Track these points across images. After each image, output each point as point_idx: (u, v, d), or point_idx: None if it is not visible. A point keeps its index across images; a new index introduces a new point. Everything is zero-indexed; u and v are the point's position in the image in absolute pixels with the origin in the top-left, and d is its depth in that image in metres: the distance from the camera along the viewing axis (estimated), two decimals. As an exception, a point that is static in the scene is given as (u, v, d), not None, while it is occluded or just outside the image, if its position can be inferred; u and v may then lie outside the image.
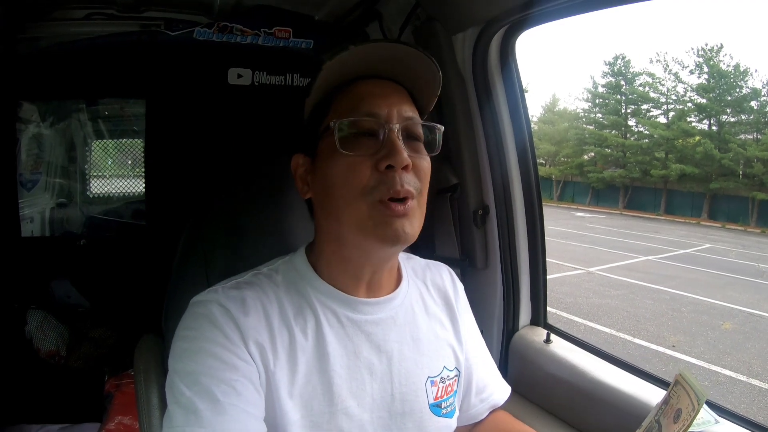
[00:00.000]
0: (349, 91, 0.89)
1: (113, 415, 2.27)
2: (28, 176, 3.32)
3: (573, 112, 36.75)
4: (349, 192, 0.84)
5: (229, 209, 1.17)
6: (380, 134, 0.85)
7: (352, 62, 0.87)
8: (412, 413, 0.93)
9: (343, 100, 0.89)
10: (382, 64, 0.89)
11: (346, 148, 0.84)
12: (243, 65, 2.30)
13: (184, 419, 0.76)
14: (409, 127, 0.88)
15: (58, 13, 2.19)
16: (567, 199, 32.93)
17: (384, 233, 0.83)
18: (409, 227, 0.84)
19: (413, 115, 0.89)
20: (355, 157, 0.84)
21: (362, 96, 0.88)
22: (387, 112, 0.86)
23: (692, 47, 37.52)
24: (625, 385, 1.29)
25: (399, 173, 0.83)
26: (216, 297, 0.85)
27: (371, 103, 0.87)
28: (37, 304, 2.82)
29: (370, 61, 0.88)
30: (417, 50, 0.87)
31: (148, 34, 2.22)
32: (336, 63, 0.85)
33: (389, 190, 0.82)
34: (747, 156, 25.48)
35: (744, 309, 8.61)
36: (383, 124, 0.85)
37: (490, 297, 1.67)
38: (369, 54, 0.87)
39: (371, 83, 0.90)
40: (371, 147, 0.85)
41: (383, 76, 0.91)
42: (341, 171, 0.85)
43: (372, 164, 0.84)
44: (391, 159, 0.83)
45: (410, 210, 0.84)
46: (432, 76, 0.91)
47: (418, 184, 0.87)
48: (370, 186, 0.83)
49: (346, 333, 0.90)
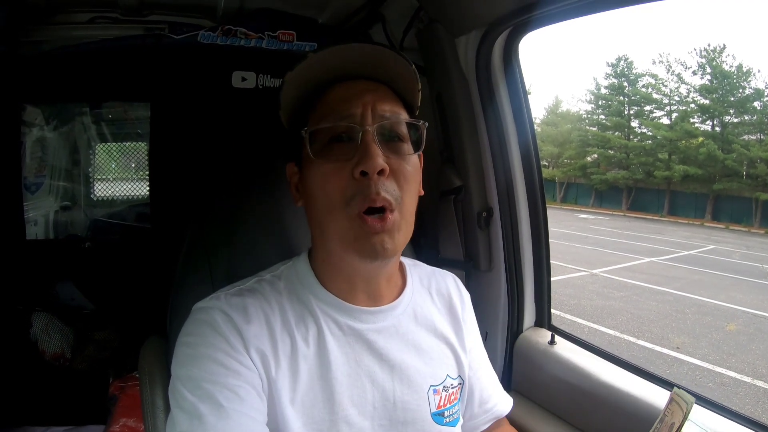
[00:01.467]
0: (324, 97, 0.88)
1: (118, 417, 2.28)
2: (33, 179, 3.34)
3: (576, 113, 36.79)
4: (329, 202, 0.83)
5: (233, 211, 1.17)
6: (356, 138, 0.83)
7: (322, 68, 0.86)
8: (414, 422, 0.92)
9: (318, 106, 0.88)
10: (357, 65, 0.87)
11: (321, 156, 0.83)
12: (247, 68, 2.30)
13: (187, 424, 0.76)
14: (387, 126, 0.86)
15: (62, 16, 2.19)
16: (570, 201, 32.88)
17: (362, 249, 0.82)
18: (389, 242, 0.83)
19: (392, 114, 0.87)
20: (329, 165, 0.83)
21: (335, 100, 0.86)
22: (361, 113, 0.84)
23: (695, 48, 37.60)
24: (630, 387, 1.29)
25: (374, 180, 0.81)
26: (218, 304, 0.85)
27: (343, 106, 0.85)
28: (42, 306, 2.83)
29: (343, 64, 0.86)
30: (383, 47, 0.86)
31: (153, 37, 2.22)
32: (299, 73, 0.84)
33: (365, 200, 0.80)
34: (750, 157, 25.45)
35: (748, 310, 8.59)
36: (357, 126, 0.83)
37: (494, 299, 1.67)
38: (335, 58, 0.85)
39: (345, 85, 0.88)
40: (347, 153, 0.83)
41: (362, 76, 0.89)
42: (318, 180, 0.84)
43: (348, 171, 0.82)
44: (364, 164, 0.80)
45: (390, 224, 0.82)
46: (406, 70, 0.88)
47: (398, 192, 0.84)
48: (348, 196, 0.81)
49: (347, 341, 0.89)
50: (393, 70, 0.88)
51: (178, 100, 2.55)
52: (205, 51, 2.18)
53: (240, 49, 2.20)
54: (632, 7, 1.24)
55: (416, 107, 0.95)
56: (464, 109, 1.64)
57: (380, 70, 0.88)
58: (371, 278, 0.92)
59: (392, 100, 0.89)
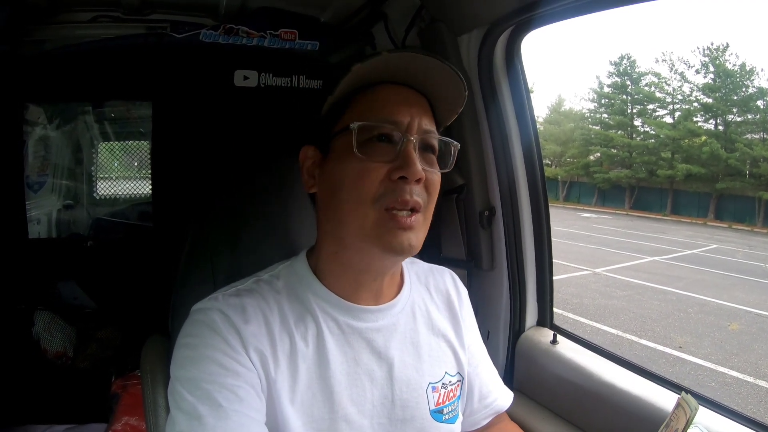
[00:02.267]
0: (371, 94, 0.88)
1: (120, 415, 2.28)
2: (35, 178, 3.35)
3: (579, 112, 36.85)
4: (358, 197, 0.83)
5: (235, 210, 1.17)
6: (397, 143, 0.84)
7: (383, 68, 0.86)
8: (413, 419, 0.93)
9: (362, 101, 0.88)
10: (407, 72, 0.88)
11: (363, 152, 0.83)
12: (249, 67, 2.30)
13: (187, 425, 0.76)
14: (426, 139, 0.88)
15: (64, 15, 2.19)
16: (573, 200, 32.89)
17: (389, 243, 0.83)
18: (414, 239, 0.84)
19: (432, 128, 0.89)
20: (369, 163, 0.83)
21: (384, 101, 0.87)
22: (408, 122, 0.85)
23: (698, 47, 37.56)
24: (632, 387, 1.28)
25: (411, 185, 0.83)
26: (216, 305, 0.85)
27: (393, 110, 0.86)
28: (44, 305, 2.83)
29: (395, 67, 0.87)
30: (449, 67, 0.86)
31: (155, 36, 2.22)
32: (366, 67, 0.84)
33: (398, 199, 0.82)
34: (753, 156, 25.43)
35: (751, 310, 8.57)
36: (403, 133, 0.84)
37: (496, 298, 1.67)
38: (405, 62, 0.86)
39: (394, 89, 0.88)
40: (387, 154, 0.84)
41: (405, 83, 0.89)
42: (353, 174, 0.84)
43: (385, 172, 0.83)
44: (406, 170, 0.82)
45: (416, 223, 0.84)
46: (458, 93, 0.90)
47: (426, 197, 0.86)
48: (380, 193, 0.82)
49: (346, 340, 0.90)
50: (442, 88, 0.90)
51: (180, 99, 2.55)
52: (207, 50, 2.18)
53: (242, 47, 2.19)
54: (635, 6, 1.24)
55: (444, 126, 0.97)
56: (466, 108, 1.63)
57: (430, 83, 0.90)
58: (380, 275, 0.92)
59: (430, 116, 0.91)
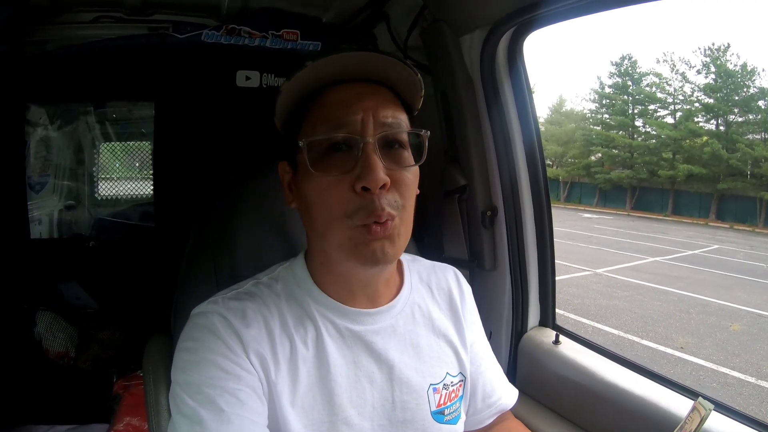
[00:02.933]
0: (321, 100, 0.84)
1: (122, 416, 2.28)
2: (37, 178, 3.35)
3: (580, 112, 36.85)
4: (329, 214, 0.81)
5: (237, 210, 1.17)
6: (356, 147, 0.80)
7: (319, 73, 0.82)
8: (414, 421, 0.92)
9: (315, 110, 0.85)
10: (357, 68, 0.84)
11: (319, 168, 0.81)
12: (251, 67, 2.30)
13: (188, 429, 0.75)
14: (389, 136, 0.83)
15: (66, 15, 2.19)
16: (574, 200, 32.90)
17: (363, 256, 0.81)
18: (389, 248, 0.82)
19: (394, 120, 0.84)
20: (328, 178, 0.81)
21: (333, 105, 0.83)
22: (361, 119, 0.81)
23: (699, 47, 37.43)
24: (635, 387, 1.28)
25: (378, 195, 0.79)
26: (216, 308, 0.85)
27: (343, 112, 0.81)
28: (46, 305, 2.84)
29: (343, 69, 0.83)
30: (386, 55, 0.83)
31: (157, 36, 2.22)
32: (296, 82, 0.82)
33: (369, 216, 0.79)
34: (755, 156, 25.42)
35: (752, 310, 8.57)
36: (357, 137, 0.80)
37: (498, 298, 1.66)
38: (335, 65, 0.82)
39: (343, 88, 0.84)
40: (346, 164, 0.80)
41: (360, 78, 0.85)
42: (316, 192, 0.82)
43: (348, 185, 0.79)
44: (366, 180, 0.78)
45: (391, 230, 0.81)
46: (410, 76, 0.86)
47: (400, 201, 0.82)
48: (351, 210, 0.80)
49: (345, 343, 0.89)
50: (394, 76, 0.86)
51: (182, 100, 2.55)
52: (209, 50, 2.17)
53: (244, 48, 2.19)
54: (636, 6, 1.24)
55: (416, 109, 0.92)
56: (469, 108, 1.64)
57: (380, 73, 0.85)
58: (370, 282, 0.92)
59: (393, 104, 0.86)
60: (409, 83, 0.87)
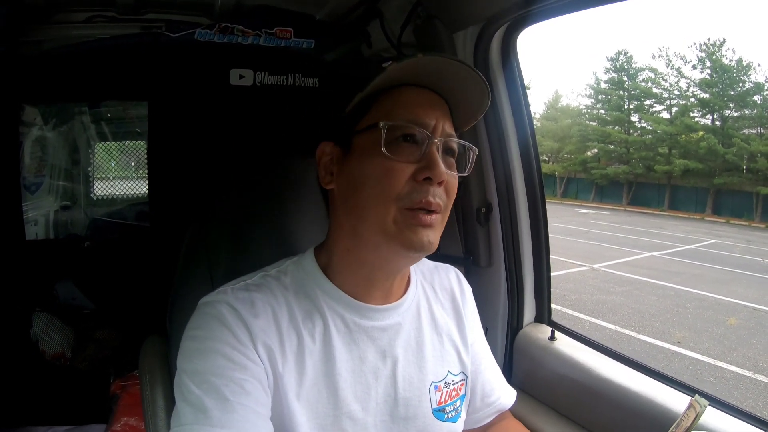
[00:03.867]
0: (396, 95, 0.89)
1: (119, 416, 2.28)
2: (32, 179, 3.35)
3: (575, 108, 36.76)
4: (382, 194, 0.84)
5: (232, 210, 1.17)
6: (422, 144, 0.86)
7: (414, 70, 0.87)
8: (415, 418, 0.94)
9: (387, 102, 0.89)
10: (431, 76, 0.89)
11: (389, 151, 0.84)
12: (244, 66, 2.29)
13: (192, 417, 0.76)
14: (448, 143, 0.89)
15: (59, 16, 2.19)
16: (570, 196, 32.90)
17: (409, 240, 0.84)
18: (433, 237, 0.85)
19: (452, 132, 0.90)
20: (395, 162, 0.84)
21: (410, 103, 0.88)
22: (434, 124, 0.87)
23: (694, 42, 37.53)
24: (630, 382, 1.29)
25: (434, 186, 0.84)
26: (225, 298, 0.85)
27: (419, 112, 0.87)
28: (42, 306, 2.83)
29: (423, 70, 0.87)
30: (477, 74, 0.87)
31: (150, 36, 2.22)
32: (400, 68, 0.85)
33: (421, 200, 0.83)
34: (751, 151, 25.45)
35: (749, 304, 8.58)
36: (428, 135, 0.86)
37: (494, 295, 1.67)
38: (437, 65, 0.87)
39: (418, 91, 0.90)
40: (412, 154, 0.85)
41: (427, 86, 0.90)
42: (379, 172, 0.85)
43: (411, 172, 0.84)
44: (431, 172, 0.83)
45: (435, 222, 0.86)
46: (481, 100, 0.92)
47: (446, 200, 0.87)
48: (404, 192, 0.84)
49: (352, 338, 0.90)
50: (464, 93, 0.91)
51: (176, 99, 2.54)
52: (202, 49, 2.17)
53: (237, 46, 2.19)
54: (630, 1, 1.24)
55: (462, 131, 0.97)
56: (463, 104, 1.64)
57: (452, 88, 0.91)
58: (393, 274, 0.93)
59: (450, 120, 0.92)
60: (473, 103, 0.93)
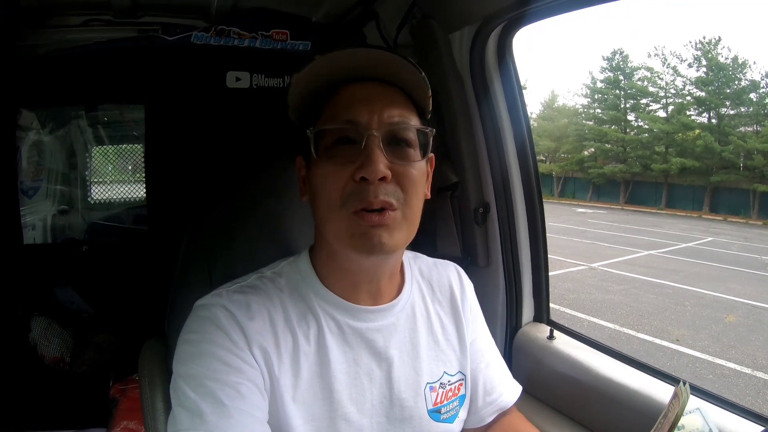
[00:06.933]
0: (335, 97, 0.87)
1: (119, 419, 2.28)
2: (29, 183, 3.33)
3: (572, 108, 36.84)
4: (328, 202, 0.83)
5: (230, 213, 1.17)
6: (360, 141, 0.82)
7: (330, 69, 0.85)
8: (411, 419, 0.94)
9: (328, 106, 0.87)
10: (368, 68, 0.86)
11: (325, 157, 0.83)
12: (241, 68, 2.29)
13: (189, 422, 0.76)
14: (394, 132, 0.85)
15: (56, 20, 2.19)
16: (568, 195, 32.94)
17: (360, 244, 0.82)
18: (387, 237, 0.82)
19: (401, 119, 0.85)
20: (331, 166, 0.83)
21: (345, 102, 0.85)
22: (367, 119, 0.83)
23: (690, 40, 37.69)
24: (629, 380, 1.29)
25: (375, 185, 0.80)
26: (220, 301, 0.85)
27: (352, 110, 0.84)
28: (41, 310, 2.82)
29: (353, 65, 0.85)
30: (390, 54, 0.85)
31: (146, 39, 2.22)
32: (305, 75, 0.85)
33: (362, 202, 0.80)
34: (747, 148, 25.52)
35: (747, 302, 8.60)
36: (362, 131, 0.82)
37: (492, 295, 1.67)
38: (341, 61, 0.84)
39: (355, 87, 0.87)
40: (350, 156, 0.82)
41: (373, 77, 0.87)
42: (320, 180, 0.84)
43: (348, 174, 0.82)
44: (365, 171, 0.80)
45: (389, 220, 0.82)
46: (414, 76, 0.86)
47: (401, 194, 0.83)
48: (345, 196, 0.82)
49: (346, 340, 0.90)
50: (401, 75, 0.87)
51: (173, 102, 2.54)
52: (198, 52, 2.17)
53: (234, 49, 2.19)
54: (626, 0, 1.24)
55: (428, 111, 0.93)
56: (459, 105, 1.64)
57: (389, 73, 0.87)
58: (373, 276, 0.92)
59: (402, 105, 0.87)
60: (415, 83, 0.88)
